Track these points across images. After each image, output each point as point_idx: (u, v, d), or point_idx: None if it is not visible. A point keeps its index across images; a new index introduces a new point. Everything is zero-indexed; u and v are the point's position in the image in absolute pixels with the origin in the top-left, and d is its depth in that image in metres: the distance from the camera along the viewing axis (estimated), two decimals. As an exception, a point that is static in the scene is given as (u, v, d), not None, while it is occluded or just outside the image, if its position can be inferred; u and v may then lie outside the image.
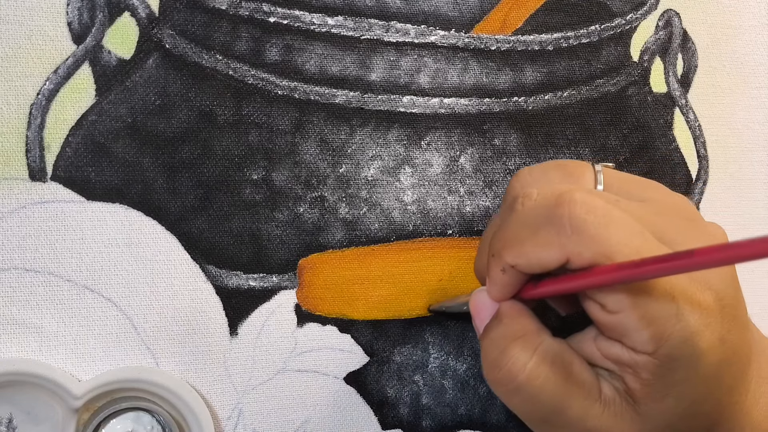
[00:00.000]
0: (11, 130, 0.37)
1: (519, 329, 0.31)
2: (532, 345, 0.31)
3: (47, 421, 0.36)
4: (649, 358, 0.29)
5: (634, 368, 0.29)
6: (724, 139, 0.46)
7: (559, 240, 0.29)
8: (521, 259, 0.30)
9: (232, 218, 0.39)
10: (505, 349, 0.31)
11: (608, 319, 0.29)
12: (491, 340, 0.32)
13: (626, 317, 0.29)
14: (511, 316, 0.32)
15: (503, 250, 0.31)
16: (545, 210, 0.30)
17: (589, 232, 0.28)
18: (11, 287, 0.37)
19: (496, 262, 0.31)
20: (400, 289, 0.41)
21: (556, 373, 0.30)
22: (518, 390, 0.30)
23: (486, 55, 0.42)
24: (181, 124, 0.39)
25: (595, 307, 0.30)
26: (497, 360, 0.31)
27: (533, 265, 0.30)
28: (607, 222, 0.29)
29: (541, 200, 0.30)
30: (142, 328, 0.38)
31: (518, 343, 0.31)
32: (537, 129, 0.43)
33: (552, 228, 0.29)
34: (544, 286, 0.31)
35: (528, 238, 0.30)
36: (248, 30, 0.39)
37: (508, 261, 0.30)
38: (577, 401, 0.30)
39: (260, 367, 0.39)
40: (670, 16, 0.45)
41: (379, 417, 0.41)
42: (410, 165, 0.41)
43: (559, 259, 0.29)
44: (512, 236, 0.30)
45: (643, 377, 0.29)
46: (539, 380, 0.30)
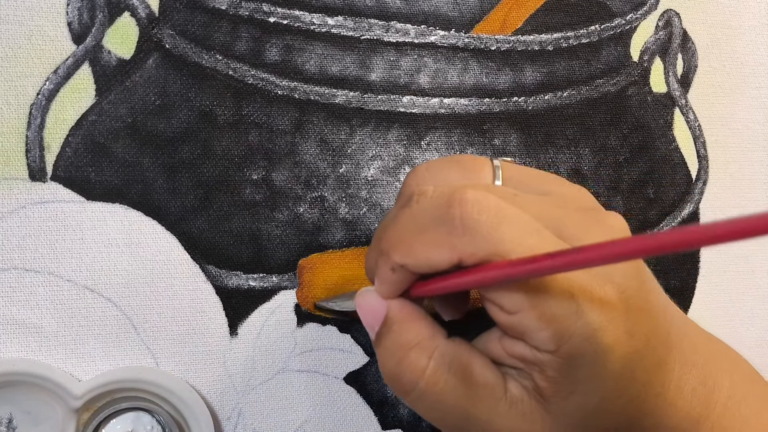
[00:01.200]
0: (11, 130, 0.37)
1: (412, 336, 0.30)
2: (427, 351, 0.30)
3: (47, 421, 0.36)
4: (552, 356, 0.28)
5: (540, 366, 0.29)
6: (724, 139, 0.46)
7: (451, 240, 0.28)
8: (410, 258, 0.29)
9: (232, 218, 0.39)
10: (400, 359, 0.30)
11: (507, 320, 0.29)
12: (386, 350, 0.31)
13: (525, 317, 0.28)
14: (401, 321, 0.31)
15: (392, 249, 0.30)
16: (437, 209, 0.29)
17: (482, 232, 0.28)
18: (11, 287, 0.37)
19: (384, 261, 0.30)
20: (400, 289, 0.41)
21: (456, 375, 0.30)
22: (421, 398, 0.30)
23: (486, 55, 0.42)
24: (181, 124, 0.39)
25: (493, 308, 0.29)
26: (394, 371, 0.30)
27: (422, 265, 0.29)
28: (499, 221, 0.28)
29: (434, 199, 0.30)
30: (142, 328, 0.38)
31: (413, 351, 0.30)
32: (537, 129, 0.43)
33: (443, 228, 0.28)
34: (434, 283, 0.30)
35: (417, 237, 0.29)
36: (248, 30, 0.39)
37: (396, 260, 0.29)
38: (481, 402, 0.29)
39: (260, 367, 0.39)
40: (670, 16, 0.45)
41: (379, 417, 0.41)
42: (410, 165, 0.41)
43: (450, 259, 0.28)
44: (401, 235, 0.30)
45: (548, 375, 0.29)
46: (439, 386, 0.30)
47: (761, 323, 0.35)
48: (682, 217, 0.45)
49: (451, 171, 0.32)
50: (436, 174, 0.32)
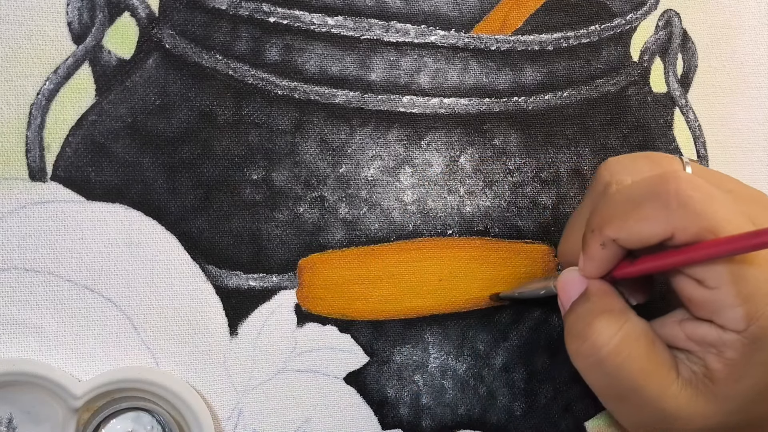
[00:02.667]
0: (11, 130, 0.37)
1: (606, 305, 0.32)
2: (618, 321, 0.32)
3: (47, 421, 0.36)
4: (738, 336, 0.30)
5: (719, 347, 0.30)
6: (724, 139, 0.46)
7: (665, 214, 0.30)
8: (623, 232, 0.31)
9: (232, 218, 0.39)
10: (591, 322, 0.32)
11: (703, 295, 0.30)
12: (578, 314, 0.33)
13: (723, 293, 0.30)
14: (598, 294, 0.33)
15: (605, 225, 0.31)
16: (650, 186, 0.31)
17: (695, 208, 0.29)
18: (11, 287, 0.37)
19: (595, 238, 0.32)
20: (400, 289, 0.41)
21: (639, 350, 0.31)
22: (600, 364, 0.31)
23: (486, 55, 0.42)
24: (181, 124, 0.39)
25: (689, 284, 0.31)
26: (582, 332, 0.32)
27: (635, 239, 0.31)
28: (711, 199, 0.30)
29: (642, 181, 0.31)
30: (142, 328, 0.38)
31: (605, 318, 0.32)
32: (537, 129, 0.43)
33: (657, 202, 0.30)
34: (643, 262, 0.31)
35: (631, 212, 0.31)
36: (248, 30, 0.39)
37: (609, 235, 0.31)
38: (655, 380, 0.31)
39: (260, 367, 0.39)
40: (670, 16, 0.45)
41: (379, 417, 0.41)
42: (410, 165, 0.41)
43: (663, 232, 0.30)
44: (614, 211, 0.31)
45: (727, 356, 0.30)
46: (622, 356, 0.31)
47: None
48: (682, 217, 0.45)
49: (642, 164, 0.34)
50: (628, 165, 0.34)
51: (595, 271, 0.33)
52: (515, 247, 0.42)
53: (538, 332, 0.43)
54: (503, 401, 0.42)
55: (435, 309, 0.41)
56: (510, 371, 0.42)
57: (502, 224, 0.42)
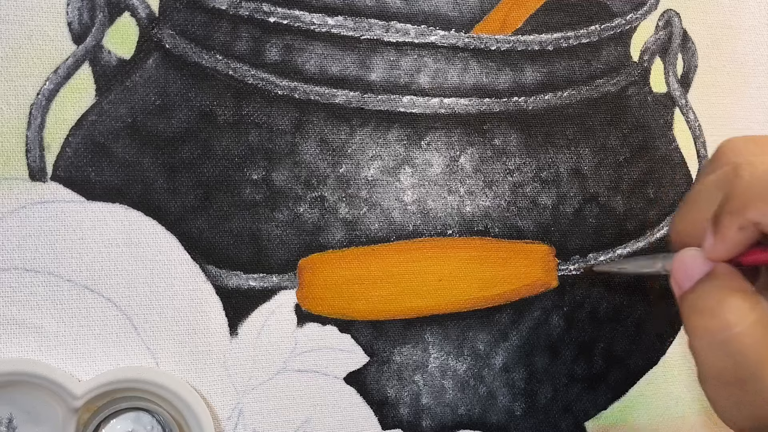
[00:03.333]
0: (11, 130, 0.37)
1: (738, 285, 0.31)
2: (752, 302, 0.30)
3: (47, 421, 0.36)
4: None
5: None
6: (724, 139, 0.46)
7: None
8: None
9: (232, 218, 0.39)
10: (724, 298, 0.30)
11: None
12: (706, 290, 0.31)
13: None
14: (729, 274, 0.31)
15: (747, 207, 0.30)
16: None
17: None
18: (11, 287, 0.37)
19: (733, 219, 0.30)
20: (400, 289, 0.41)
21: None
22: (727, 342, 0.30)
23: (486, 55, 0.42)
24: (181, 124, 0.39)
25: None
26: (713, 308, 0.30)
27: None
28: None
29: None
30: (142, 328, 0.38)
31: (739, 296, 0.30)
32: (537, 129, 0.43)
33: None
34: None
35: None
36: (248, 30, 0.39)
37: (752, 217, 0.30)
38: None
39: (260, 367, 0.39)
40: (670, 16, 0.45)
41: (379, 417, 0.41)
42: (410, 165, 0.41)
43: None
44: (761, 194, 0.30)
45: None
46: (753, 338, 0.29)
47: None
48: (682, 217, 0.45)
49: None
50: (756, 147, 0.33)
51: (726, 253, 0.31)
52: (515, 247, 0.42)
53: (538, 332, 0.43)
54: (503, 401, 0.42)
55: (435, 309, 0.41)
56: (510, 371, 0.42)
57: (502, 224, 0.42)
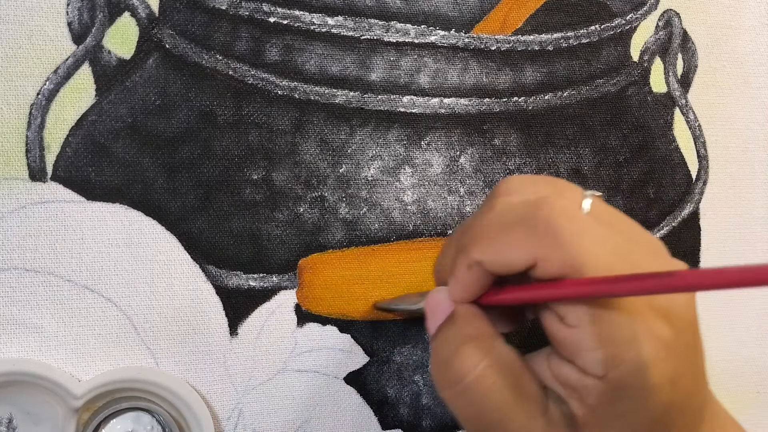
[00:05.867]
0: (11, 130, 0.37)
1: (474, 331, 0.30)
2: (485, 347, 0.30)
3: (47, 421, 0.36)
4: (598, 382, 0.28)
5: (581, 392, 0.29)
6: (724, 139, 0.46)
7: (531, 241, 0.28)
8: (487, 255, 0.29)
9: (232, 218, 0.39)
10: (457, 348, 0.30)
11: (564, 334, 0.29)
12: (444, 339, 0.31)
13: (583, 333, 0.28)
14: (466, 317, 0.31)
15: (471, 245, 0.30)
16: (523, 210, 0.29)
17: (563, 239, 0.28)
18: (11, 287, 0.37)
19: (462, 258, 0.30)
20: (400, 289, 0.41)
21: (506, 380, 0.29)
22: (465, 392, 0.30)
23: (486, 55, 0.42)
24: (181, 124, 0.39)
25: (552, 320, 0.29)
26: (448, 359, 0.30)
27: (499, 263, 0.29)
28: (584, 232, 0.28)
29: (522, 201, 0.30)
30: (142, 328, 0.38)
31: (471, 344, 0.30)
32: (537, 129, 0.43)
33: (526, 228, 0.28)
34: (508, 293, 0.30)
35: (499, 235, 0.29)
36: (248, 30, 0.39)
37: (474, 257, 0.30)
38: (521, 413, 0.29)
39: (260, 367, 0.39)
40: (670, 16, 0.45)
41: (379, 417, 0.41)
42: (410, 165, 0.41)
43: (526, 260, 0.28)
44: (483, 232, 0.30)
45: (588, 402, 0.28)
46: (487, 384, 0.29)
47: (763, 325, 0.35)
48: (682, 217, 0.45)
49: (543, 188, 0.32)
50: (526, 186, 0.32)
51: (462, 294, 0.31)
52: (515, 247, 0.42)
53: (538, 332, 0.43)
54: (503, 401, 0.42)
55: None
56: (510, 371, 0.42)
57: (502, 224, 0.42)
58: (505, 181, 0.33)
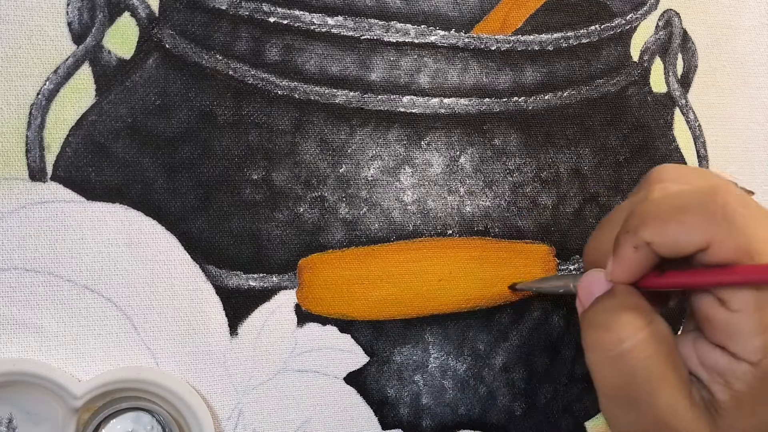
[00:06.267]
0: (11, 130, 0.37)
1: (634, 302, 0.31)
2: (646, 318, 0.30)
3: (47, 421, 0.36)
4: (750, 368, 0.28)
5: (729, 377, 0.29)
6: (724, 139, 0.46)
7: (707, 223, 0.29)
8: (660, 236, 0.29)
9: (232, 218, 0.39)
10: (617, 314, 0.30)
11: (723, 318, 0.29)
12: (603, 307, 0.31)
13: (745, 318, 0.28)
14: (626, 292, 0.31)
15: (642, 226, 0.30)
16: (697, 195, 0.29)
17: (739, 224, 0.28)
18: (11, 287, 0.37)
19: (629, 239, 0.30)
20: (400, 289, 0.41)
21: (662, 354, 0.30)
22: (619, 358, 0.30)
23: (486, 55, 0.42)
24: (181, 124, 0.39)
25: (711, 303, 0.29)
26: (607, 322, 0.30)
27: (671, 244, 0.29)
28: (758, 218, 0.29)
29: (690, 189, 0.30)
30: (142, 328, 0.38)
31: (633, 312, 0.30)
32: (537, 129, 0.43)
33: (702, 211, 0.29)
34: (672, 277, 0.30)
35: (673, 217, 0.29)
36: (248, 30, 0.39)
37: (645, 237, 0.30)
38: (669, 390, 0.30)
39: (260, 367, 0.39)
40: (670, 16, 0.45)
41: (379, 417, 0.41)
42: (410, 165, 0.41)
43: (700, 243, 0.29)
44: (656, 213, 0.30)
45: (735, 388, 0.29)
46: (644, 354, 0.30)
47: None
48: (682, 217, 0.45)
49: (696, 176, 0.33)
50: (680, 174, 0.33)
51: (623, 275, 0.31)
52: (515, 247, 0.42)
53: (538, 332, 0.43)
54: (503, 401, 0.42)
55: (435, 309, 0.41)
56: (510, 371, 0.42)
57: (502, 224, 0.42)
58: (658, 169, 0.33)
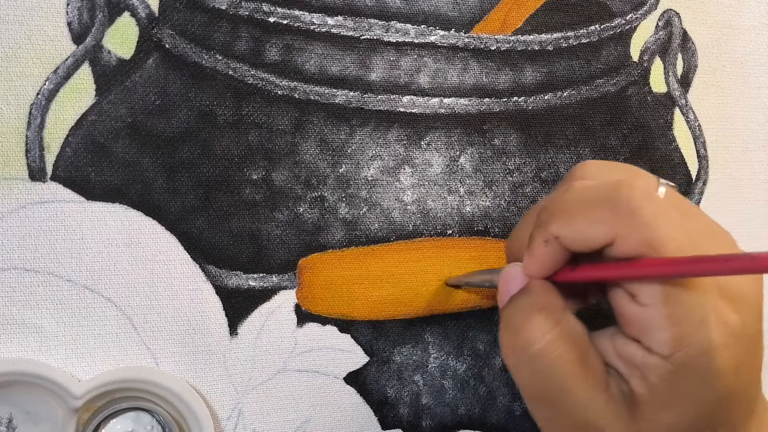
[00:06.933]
0: (11, 130, 0.37)
1: (545, 301, 0.31)
2: (555, 318, 0.31)
3: (47, 421, 0.36)
4: (663, 361, 0.29)
5: (644, 371, 0.29)
6: (724, 139, 0.46)
7: (611, 219, 0.29)
8: (568, 230, 0.30)
9: (232, 218, 0.39)
10: (527, 316, 0.31)
11: (634, 312, 0.29)
12: (514, 308, 0.32)
13: (654, 311, 0.29)
14: (540, 288, 0.32)
15: (551, 220, 0.31)
16: (604, 190, 0.30)
17: (643, 218, 0.28)
18: (11, 287, 0.37)
19: (540, 233, 0.31)
20: (400, 289, 0.41)
21: (573, 351, 0.30)
22: (532, 360, 0.30)
23: (486, 55, 0.42)
24: (181, 124, 0.39)
25: (623, 298, 0.30)
26: (518, 326, 0.31)
27: (578, 238, 0.30)
28: (662, 213, 0.29)
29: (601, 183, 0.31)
30: (142, 328, 0.38)
31: (542, 313, 0.31)
32: (537, 129, 0.43)
33: (607, 206, 0.29)
34: (583, 270, 0.31)
35: (580, 211, 0.30)
36: (248, 30, 0.39)
37: (553, 231, 0.30)
38: (584, 387, 0.30)
39: (260, 367, 0.39)
40: (670, 16, 0.45)
41: (379, 417, 0.41)
42: (410, 165, 0.41)
43: (605, 237, 0.29)
44: (563, 209, 0.31)
45: (650, 381, 0.29)
46: (555, 354, 0.30)
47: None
48: (682, 217, 0.45)
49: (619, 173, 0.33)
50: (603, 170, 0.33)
51: (537, 269, 0.32)
52: (515, 247, 0.42)
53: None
54: (503, 401, 0.42)
55: (435, 309, 0.41)
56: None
57: (502, 224, 0.42)
58: (581, 166, 0.34)
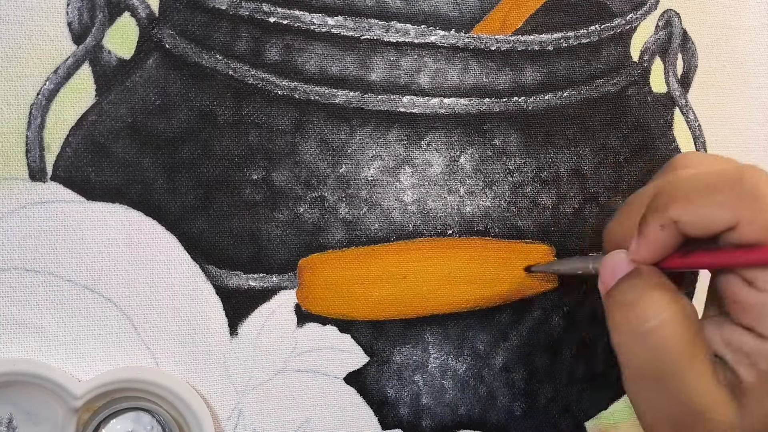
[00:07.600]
0: (11, 130, 0.37)
1: (659, 281, 0.30)
2: (672, 296, 0.30)
3: (47, 421, 0.36)
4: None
5: (755, 358, 0.29)
6: (724, 139, 0.46)
7: (735, 202, 0.28)
8: (689, 215, 0.29)
9: (232, 218, 0.39)
10: (643, 293, 0.30)
11: (751, 298, 0.29)
12: (629, 285, 0.31)
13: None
14: (650, 271, 0.31)
15: (670, 204, 0.30)
16: (726, 174, 0.29)
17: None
18: (11, 287, 0.37)
19: (656, 218, 0.30)
20: (400, 289, 0.41)
21: (687, 333, 0.29)
22: (646, 335, 0.29)
23: (486, 55, 0.42)
24: (181, 124, 0.39)
25: (738, 284, 0.29)
26: (633, 302, 0.30)
27: (699, 222, 0.29)
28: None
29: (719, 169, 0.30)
30: (142, 328, 0.38)
31: (660, 291, 0.30)
32: (537, 129, 0.43)
33: (731, 190, 0.29)
34: (698, 257, 0.30)
35: (701, 195, 0.29)
36: (248, 30, 0.39)
37: (672, 215, 0.30)
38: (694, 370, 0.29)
39: (260, 367, 0.39)
40: (670, 16, 0.45)
41: (379, 417, 0.41)
42: (410, 165, 0.41)
43: (729, 221, 0.28)
44: (683, 193, 0.30)
45: (760, 368, 0.29)
46: (670, 332, 0.29)
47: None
48: (682, 217, 0.45)
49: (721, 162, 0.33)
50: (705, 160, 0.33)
51: (648, 254, 0.31)
52: (515, 247, 0.42)
53: (538, 332, 0.43)
54: (503, 401, 0.42)
55: (435, 309, 0.41)
56: (510, 371, 0.42)
57: (502, 224, 0.42)
58: (681, 156, 0.33)
